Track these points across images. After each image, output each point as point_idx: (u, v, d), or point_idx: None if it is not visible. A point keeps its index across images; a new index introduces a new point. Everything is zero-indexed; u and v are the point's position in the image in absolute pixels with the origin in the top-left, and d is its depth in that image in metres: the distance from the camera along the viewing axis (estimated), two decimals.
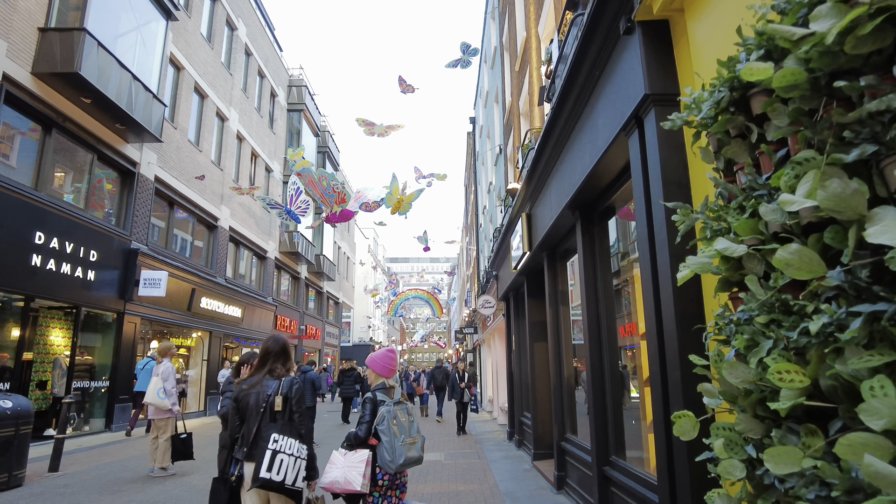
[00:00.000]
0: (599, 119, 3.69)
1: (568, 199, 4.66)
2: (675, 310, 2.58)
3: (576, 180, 4.37)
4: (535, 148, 5.41)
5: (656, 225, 2.79)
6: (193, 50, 14.33)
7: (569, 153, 4.64)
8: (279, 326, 21.06)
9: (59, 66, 8.81)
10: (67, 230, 9.48)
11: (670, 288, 2.62)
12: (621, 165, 3.79)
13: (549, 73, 4.83)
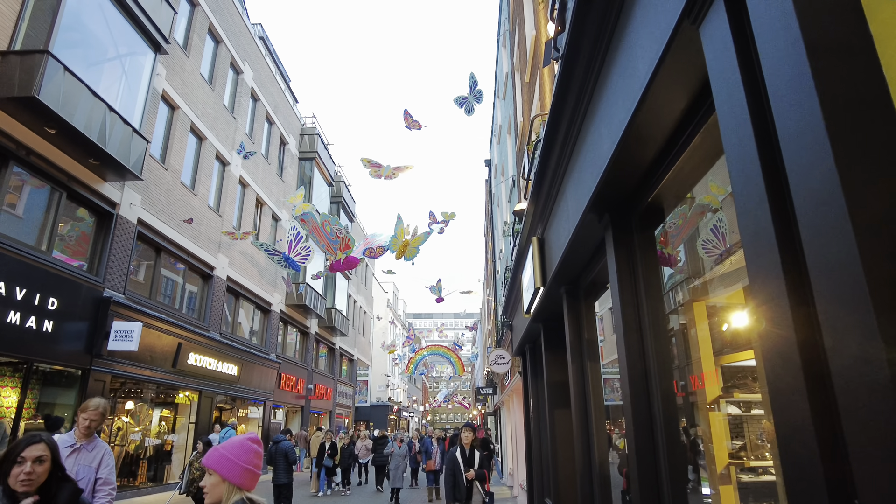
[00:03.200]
0: (637, 36, 2.32)
1: (591, 193, 3.20)
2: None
3: (603, 156, 2.93)
4: (545, 129, 4.04)
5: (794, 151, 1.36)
6: (191, 90, 13.65)
7: (593, 119, 3.22)
8: (283, 385, 19.57)
9: (16, 91, 7.93)
10: (21, 274, 8.35)
11: None
12: (685, 100, 2.22)
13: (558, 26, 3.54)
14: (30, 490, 2.34)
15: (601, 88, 3.01)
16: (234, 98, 16.54)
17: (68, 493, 2.56)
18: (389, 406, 41.03)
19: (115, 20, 10.01)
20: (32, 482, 2.35)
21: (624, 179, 3.00)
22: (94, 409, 3.71)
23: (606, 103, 2.90)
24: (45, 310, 8.82)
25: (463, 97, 8.98)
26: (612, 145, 2.73)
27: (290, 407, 21.61)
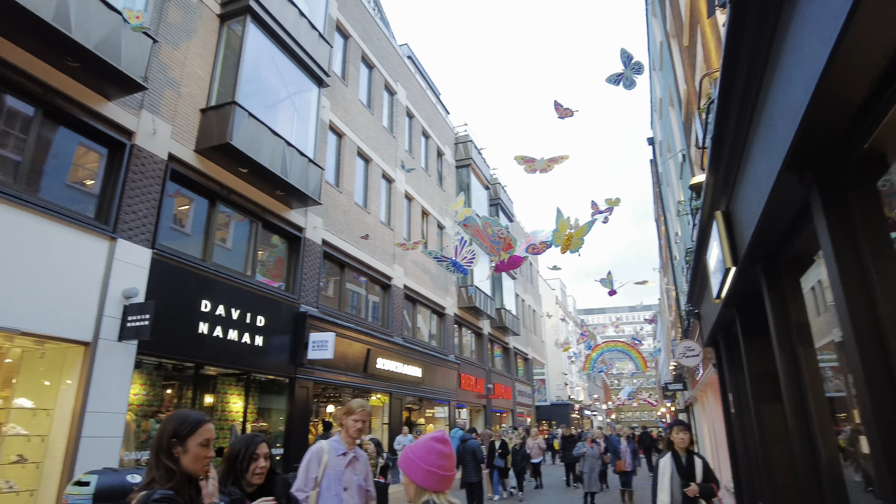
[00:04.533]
0: None
1: (786, 149, 2.72)
2: None
3: (797, 103, 2.47)
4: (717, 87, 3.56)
5: None
6: (353, 116, 14.79)
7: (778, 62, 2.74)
8: (464, 385, 20.20)
9: (214, 140, 9.23)
10: (234, 297, 9.69)
11: None
12: None
13: None
14: (262, 482, 2.74)
15: (785, 23, 2.54)
16: (391, 118, 17.58)
17: (282, 484, 2.90)
18: (570, 405, 40.27)
19: (283, 64, 11.21)
20: (263, 475, 2.76)
21: (827, 126, 2.48)
22: (363, 410, 3.64)
23: (794, 40, 2.44)
24: (255, 327, 10.11)
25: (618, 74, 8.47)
26: (807, 88, 2.27)
27: (473, 406, 22.24)
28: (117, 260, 7.68)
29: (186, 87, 9.34)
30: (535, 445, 16.10)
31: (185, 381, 9.23)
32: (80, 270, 7.29)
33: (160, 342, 8.02)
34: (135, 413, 8.21)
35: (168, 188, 8.79)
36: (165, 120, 8.79)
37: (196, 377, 9.21)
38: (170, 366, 8.97)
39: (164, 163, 8.66)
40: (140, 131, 8.29)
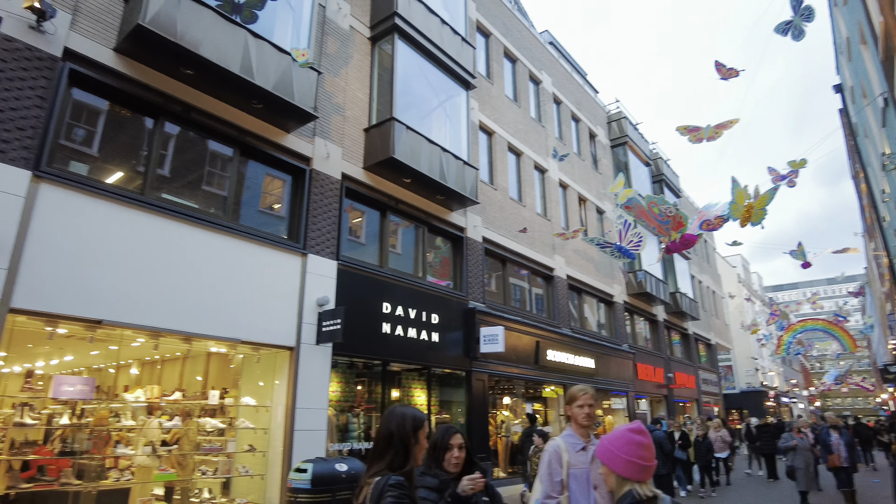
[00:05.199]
0: None
1: None
2: None
3: None
4: None
5: None
6: (501, 113, 14.96)
7: None
8: (641, 375, 19.33)
9: (379, 156, 9.97)
10: (409, 298, 10.38)
11: None
12: None
13: None
14: (458, 471, 2.87)
15: None
16: (538, 108, 17.45)
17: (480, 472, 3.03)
18: (763, 391, 36.47)
19: (431, 74, 11.72)
20: (459, 464, 2.88)
21: None
22: (585, 394, 3.31)
23: None
24: (430, 324, 10.72)
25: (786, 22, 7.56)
26: None
27: (653, 397, 21.19)
28: (309, 273, 8.68)
29: (350, 111, 10.22)
30: (717, 438, 14.07)
31: (374, 378, 10.10)
32: (281, 285, 8.36)
33: (351, 343, 8.88)
34: (334, 408, 9.18)
35: (344, 204, 9.70)
36: (336, 143, 9.71)
37: (383, 373, 10.05)
38: (360, 364, 9.90)
39: (338, 182, 9.59)
40: (316, 156, 9.27)
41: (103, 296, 6.42)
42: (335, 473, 6.26)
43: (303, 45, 8.95)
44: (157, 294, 6.91)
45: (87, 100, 7.12)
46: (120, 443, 7.38)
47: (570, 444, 3.25)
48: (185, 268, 7.25)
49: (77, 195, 6.45)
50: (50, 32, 6.42)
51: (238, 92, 7.89)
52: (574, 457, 3.19)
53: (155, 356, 8.99)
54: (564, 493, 3.15)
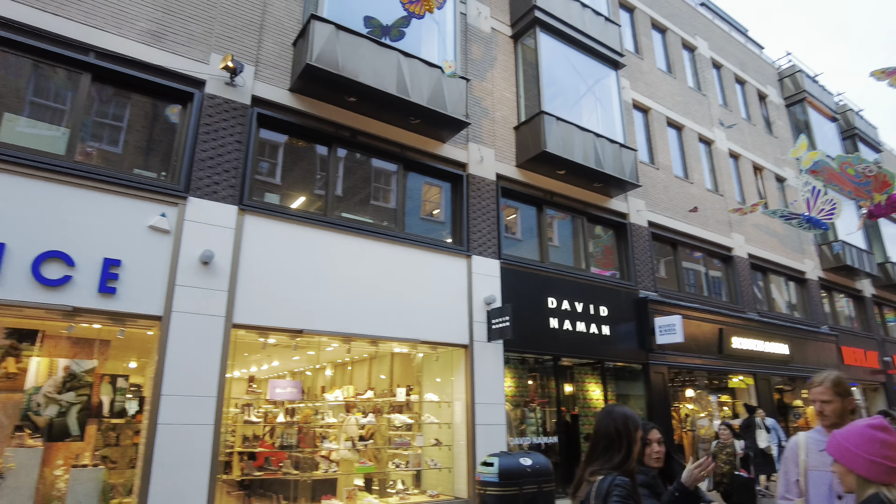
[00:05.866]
0: None
1: None
2: None
3: None
4: None
5: None
6: (655, 88, 14.08)
7: None
8: (847, 360, 16.86)
9: (531, 152, 9.97)
10: (574, 291, 10.23)
11: None
12: None
13: None
14: (660, 465, 2.84)
15: None
16: (696, 76, 16.11)
17: (679, 468, 2.95)
18: None
19: (577, 60, 11.43)
20: (660, 459, 2.85)
21: None
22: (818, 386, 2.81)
23: None
24: (599, 317, 10.46)
25: None
26: None
27: (866, 384, 18.37)
28: (475, 273, 8.98)
29: (499, 111, 10.37)
30: None
31: (546, 373, 10.12)
32: (450, 287, 8.76)
33: (520, 339, 9.00)
34: (510, 403, 9.36)
35: (500, 204, 9.86)
36: (488, 146, 9.92)
37: (555, 368, 10.03)
38: (531, 360, 9.98)
39: (494, 183, 9.79)
40: (471, 161, 9.56)
41: (302, 308, 7.30)
42: (521, 468, 6.40)
43: (449, 55, 9.29)
44: (346, 303, 7.66)
45: (270, 137, 8.14)
46: (326, 438, 8.29)
47: (814, 441, 2.80)
48: (367, 278, 7.94)
49: (273, 222, 7.41)
50: (240, 85, 7.45)
51: (396, 111, 8.44)
52: (815, 457, 2.76)
53: (345, 358, 9.95)
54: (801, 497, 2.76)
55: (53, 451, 6.72)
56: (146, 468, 6.01)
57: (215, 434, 6.41)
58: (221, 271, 6.76)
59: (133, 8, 7.06)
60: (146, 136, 7.35)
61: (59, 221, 6.08)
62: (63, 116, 6.75)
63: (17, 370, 6.53)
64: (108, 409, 7.14)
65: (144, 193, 6.61)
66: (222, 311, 6.66)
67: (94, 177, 6.37)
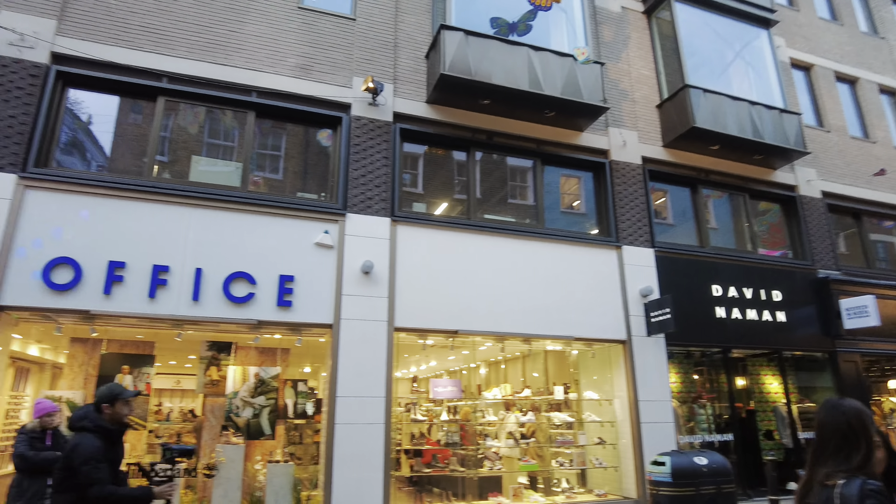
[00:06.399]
0: None
1: None
2: None
3: None
4: None
5: None
6: (817, 40, 12.44)
7: None
8: None
9: (678, 130, 9.31)
10: (741, 276, 9.36)
11: None
12: None
13: None
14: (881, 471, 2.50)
15: None
16: (870, 18, 13.96)
17: None
18: None
19: (719, 25, 10.47)
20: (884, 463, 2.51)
21: None
22: None
23: None
24: (772, 302, 9.46)
25: None
26: None
27: None
28: (627, 265, 8.59)
29: (638, 91, 9.83)
30: None
31: (714, 366, 9.37)
32: (601, 280, 8.46)
33: (683, 332, 8.41)
34: (677, 400, 8.80)
35: (649, 188, 9.33)
36: (630, 129, 9.45)
37: (725, 361, 9.25)
38: (697, 353, 9.30)
39: (639, 167, 9.29)
40: (612, 147, 9.17)
41: (456, 310, 7.51)
42: (696, 467, 6.01)
43: (580, 42, 9.00)
44: (496, 303, 7.75)
45: (412, 149, 8.50)
46: (488, 436, 8.43)
47: None
48: (514, 276, 7.96)
49: (421, 230, 7.73)
50: (382, 104, 7.87)
51: (530, 106, 8.37)
52: None
53: (499, 357, 10.05)
54: None
55: (252, 449, 7.60)
56: (328, 464, 6.56)
57: (386, 432, 6.81)
58: (381, 279, 7.19)
59: (284, 47, 7.79)
60: (303, 161, 8.07)
61: (241, 245, 6.87)
62: (233, 152, 7.63)
63: (218, 377, 7.50)
64: (292, 411, 7.90)
65: (308, 214, 7.25)
66: (384, 317, 7.08)
67: (264, 203, 7.13)
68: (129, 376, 7.16)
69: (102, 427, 3.56)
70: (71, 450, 3.43)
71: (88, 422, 3.55)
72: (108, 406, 3.64)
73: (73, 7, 7.07)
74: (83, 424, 3.55)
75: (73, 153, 7.22)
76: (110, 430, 3.62)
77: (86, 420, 3.56)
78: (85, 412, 3.63)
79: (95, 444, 3.45)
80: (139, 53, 7.14)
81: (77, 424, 3.58)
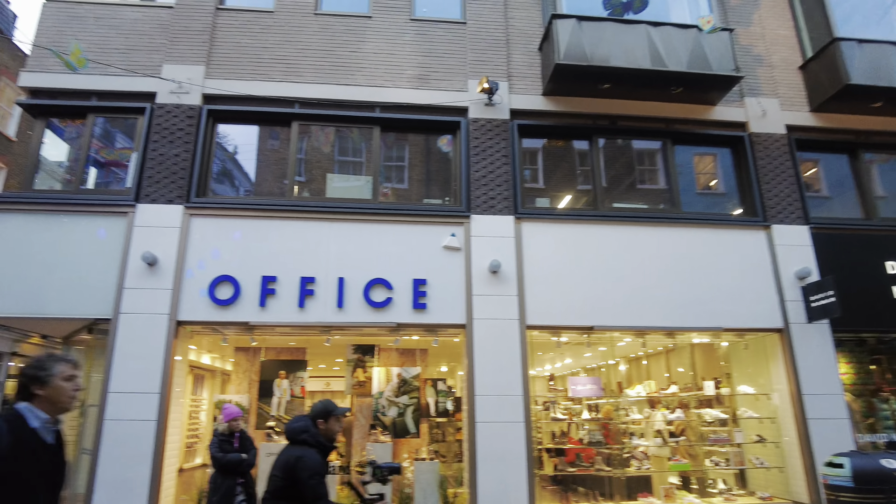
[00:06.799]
0: None
1: None
2: None
3: None
4: None
5: None
6: None
7: None
8: None
9: (828, 90, 8.29)
10: None
11: None
12: None
13: None
14: None
15: None
16: None
17: None
18: None
19: None
20: None
21: None
22: None
23: None
24: None
25: None
26: None
27: None
28: (778, 245, 7.79)
29: (776, 55, 8.90)
30: None
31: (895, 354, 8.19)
32: (748, 264, 7.75)
33: (852, 316, 7.46)
34: (851, 393, 7.82)
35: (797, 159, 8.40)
36: (769, 96, 8.58)
37: None
38: (872, 340, 8.17)
39: (784, 137, 8.39)
40: (751, 118, 8.39)
41: (590, 305, 7.29)
42: (884, 471, 5.29)
43: (703, 10, 8.37)
44: (633, 295, 7.40)
45: (530, 144, 8.40)
46: (633, 435, 8.07)
47: None
48: (650, 266, 7.56)
49: (546, 225, 7.62)
50: (498, 102, 7.87)
51: (654, 85, 7.91)
52: None
53: (639, 353, 9.59)
54: None
55: (399, 446, 7.94)
56: (472, 462, 6.66)
57: (527, 431, 6.78)
58: (509, 278, 7.18)
59: (401, 60, 8.08)
60: (426, 168, 8.30)
61: (376, 253, 7.23)
62: (362, 167, 8.05)
63: (364, 379, 7.93)
64: (433, 410, 8.15)
65: (434, 218, 7.45)
66: (515, 315, 7.06)
67: (394, 212, 7.44)
68: (285, 381, 7.82)
69: (321, 443, 3.65)
70: (295, 461, 3.49)
71: (309, 436, 3.62)
72: (322, 422, 3.72)
73: (216, 52, 7.90)
74: (304, 438, 3.62)
75: (224, 181, 8.06)
76: (326, 447, 3.69)
77: (306, 434, 3.63)
78: (304, 426, 3.68)
79: (319, 459, 3.53)
80: (273, 84, 7.79)
81: (297, 438, 3.65)
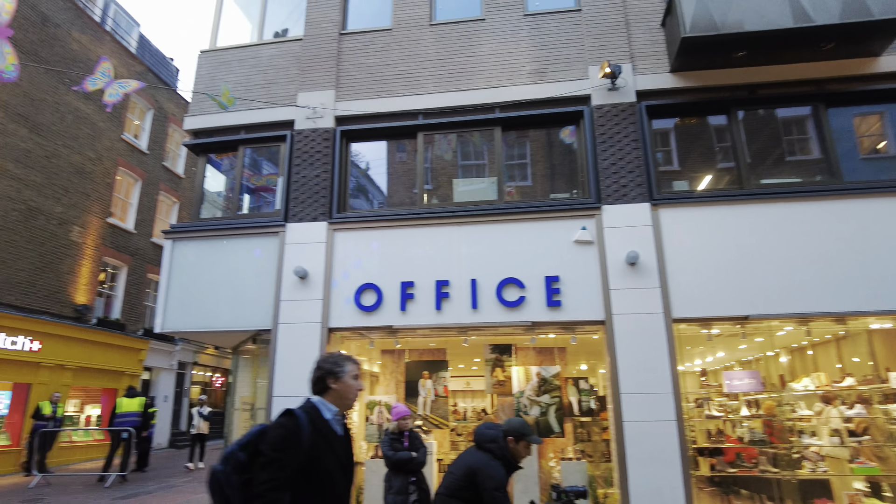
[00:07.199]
0: None
1: None
2: None
3: None
4: None
5: None
6: None
7: None
8: None
9: None
10: None
11: None
12: None
13: None
14: None
15: None
16: None
17: None
18: None
19: None
20: None
21: None
22: None
23: None
24: None
25: None
26: None
27: None
28: None
29: None
30: None
31: None
32: None
33: None
34: None
35: None
36: None
37: None
38: None
39: None
40: None
41: (742, 292, 6.70)
42: None
43: None
44: (794, 279, 6.69)
45: (661, 125, 7.92)
46: (803, 433, 7.29)
47: None
48: (810, 245, 6.78)
49: (686, 209, 7.13)
50: (622, 86, 7.54)
51: (800, 45, 7.10)
52: None
53: (803, 342, 8.63)
54: None
55: (544, 446, 7.88)
56: (621, 463, 6.42)
57: (679, 430, 6.39)
58: (649, 269, 6.83)
59: (517, 57, 8.04)
60: (549, 163, 8.17)
61: (506, 253, 7.25)
62: (485, 169, 8.12)
63: (503, 378, 7.97)
64: (577, 409, 7.96)
65: (563, 213, 7.30)
66: (660, 308, 6.69)
67: (520, 210, 7.41)
68: (429, 381, 8.10)
69: (506, 458, 3.56)
70: (479, 468, 3.46)
71: (496, 447, 3.55)
72: (513, 440, 3.62)
73: (344, 75, 8.42)
74: (491, 448, 3.56)
75: (360, 196, 8.57)
76: (511, 464, 3.61)
77: (494, 445, 3.56)
78: (495, 436, 3.60)
79: (503, 473, 3.45)
80: (397, 99, 8.14)
81: (485, 445, 3.59)
